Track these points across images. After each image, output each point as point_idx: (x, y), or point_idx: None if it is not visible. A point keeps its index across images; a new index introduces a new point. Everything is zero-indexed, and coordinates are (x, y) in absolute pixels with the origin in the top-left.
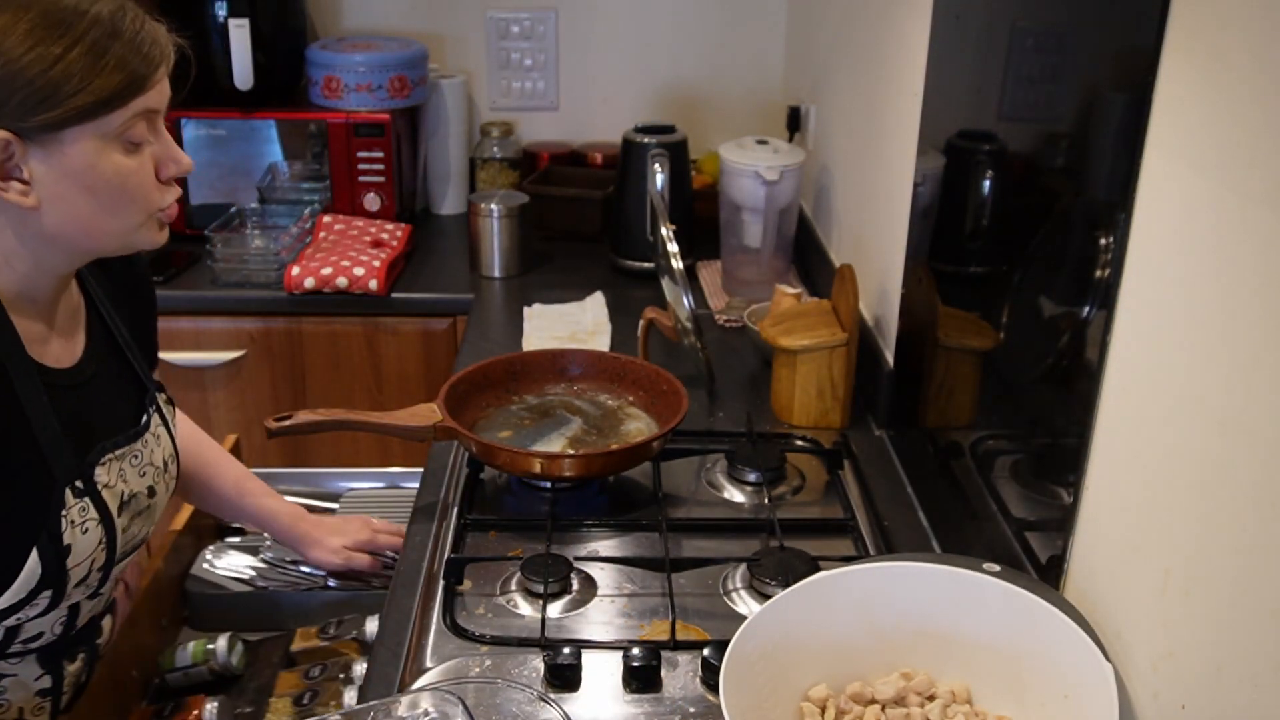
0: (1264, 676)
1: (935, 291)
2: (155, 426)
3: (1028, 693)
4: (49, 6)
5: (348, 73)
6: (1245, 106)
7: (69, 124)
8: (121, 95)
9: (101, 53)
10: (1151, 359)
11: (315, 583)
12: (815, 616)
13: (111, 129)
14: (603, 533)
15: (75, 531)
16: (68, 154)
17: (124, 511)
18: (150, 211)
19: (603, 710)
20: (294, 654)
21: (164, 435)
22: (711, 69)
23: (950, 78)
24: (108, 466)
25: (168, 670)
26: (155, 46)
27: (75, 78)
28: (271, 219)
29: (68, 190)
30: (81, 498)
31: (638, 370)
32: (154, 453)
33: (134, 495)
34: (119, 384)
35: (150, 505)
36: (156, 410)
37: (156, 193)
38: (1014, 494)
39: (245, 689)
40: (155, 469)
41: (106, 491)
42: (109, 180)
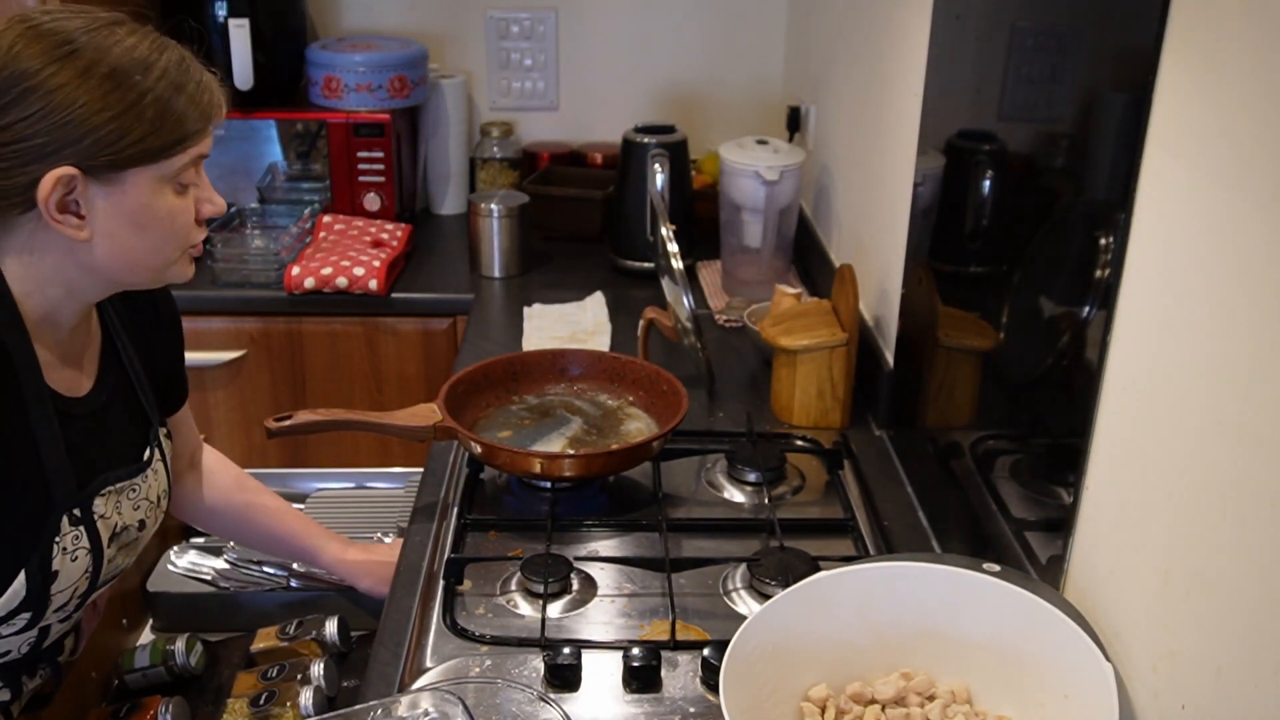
0: (1264, 676)
1: (935, 291)
2: (155, 462)
3: (1028, 693)
4: (123, 55)
5: (348, 73)
6: (1245, 106)
7: (133, 164)
8: (183, 141)
9: (169, 100)
10: (1151, 359)
11: (277, 583)
12: (815, 616)
13: (170, 172)
14: (603, 533)
15: (65, 559)
16: (127, 192)
17: (114, 543)
18: (185, 248)
19: (603, 710)
20: (254, 654)
21: (161, 471)
22: (711, 69)
23: (950, 78)
24: (106, 498)
25: (127, 671)
26: (211, 95)
27: (146, 123)
28: (271, 219)
29: (120, 226)
30: (76, 526)
31: (638, 370)
32: (151, 488)
33: (125, 528)
34: (125, 418)
35: (138, 539)
36: (157, 445)
37: (192, 231)
38: (1014, 494)
39: (204, 689)
40: (149, 503)
41: (101, 522)
42: (159, 218)
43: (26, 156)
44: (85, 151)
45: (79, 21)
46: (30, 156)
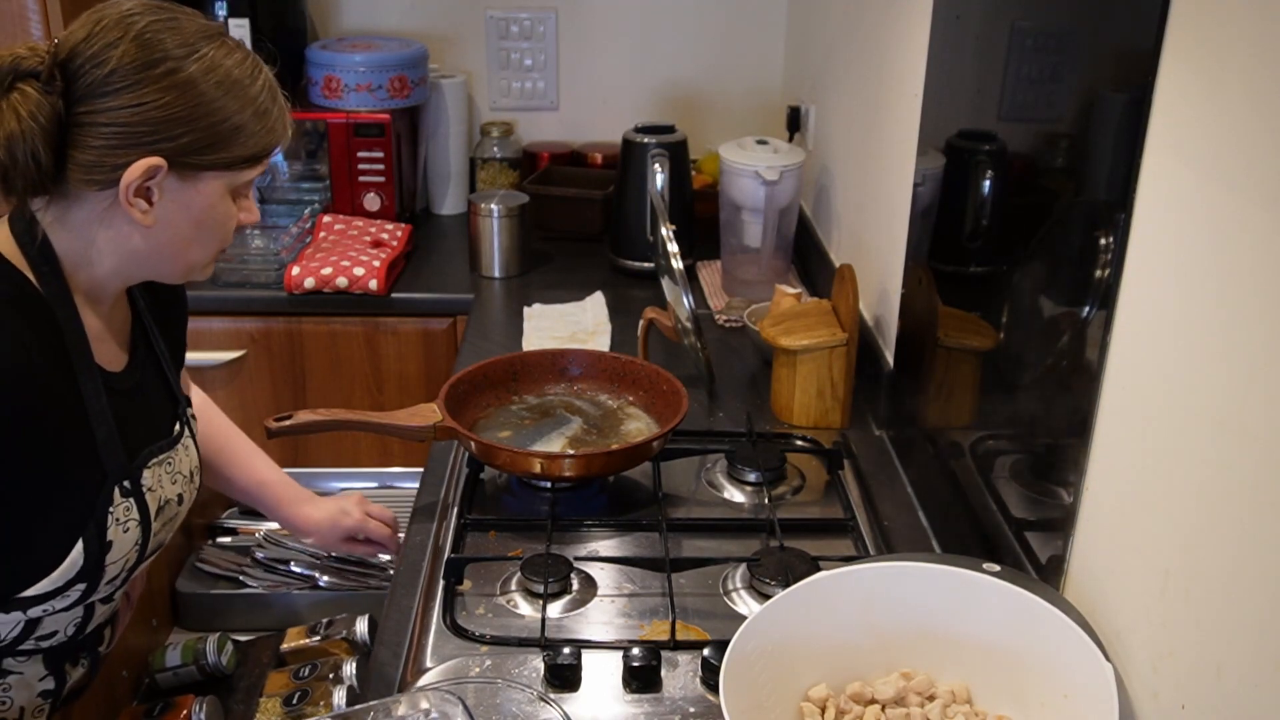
0: (1264, 676)
1: (935, 291)
2: (185, 437)
3: (1028, 693)
4: (234, 68)
5: (348, 73)
6: (1244, 107)
7: (213, 169)
8: (260, 156)
9: (263, 115)
10: (1151, 359)
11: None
12: (815, 616)
13: (240, 181)
14: (603, 533)
15: (118, 529)
16: (200, 192)
17: (159, 516)
18: (220, 251)
19: (603, 710)
20: (284, 654)
21: (191, 447)
22: (711, 69)
23: (950, 78)
24: (152, 470)
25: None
26: (287, 119)
27: (241, 133)
28: (271, 219)
29: (182, 221)
30: (127, 497)
31: (638, 370)
32: (183, 462)
33: (167, 501)
34: (158, 394)
35: (178, 513)
36: (186, 422)
37: (230, 237)
38: (1014, 494)
39: (235, 689)
40: (184, 478)
41: (149, 495)
42: (217, 221)
43: (130, 140)
44: (179, 148)
45: (197, 25)
46: (133, 140)
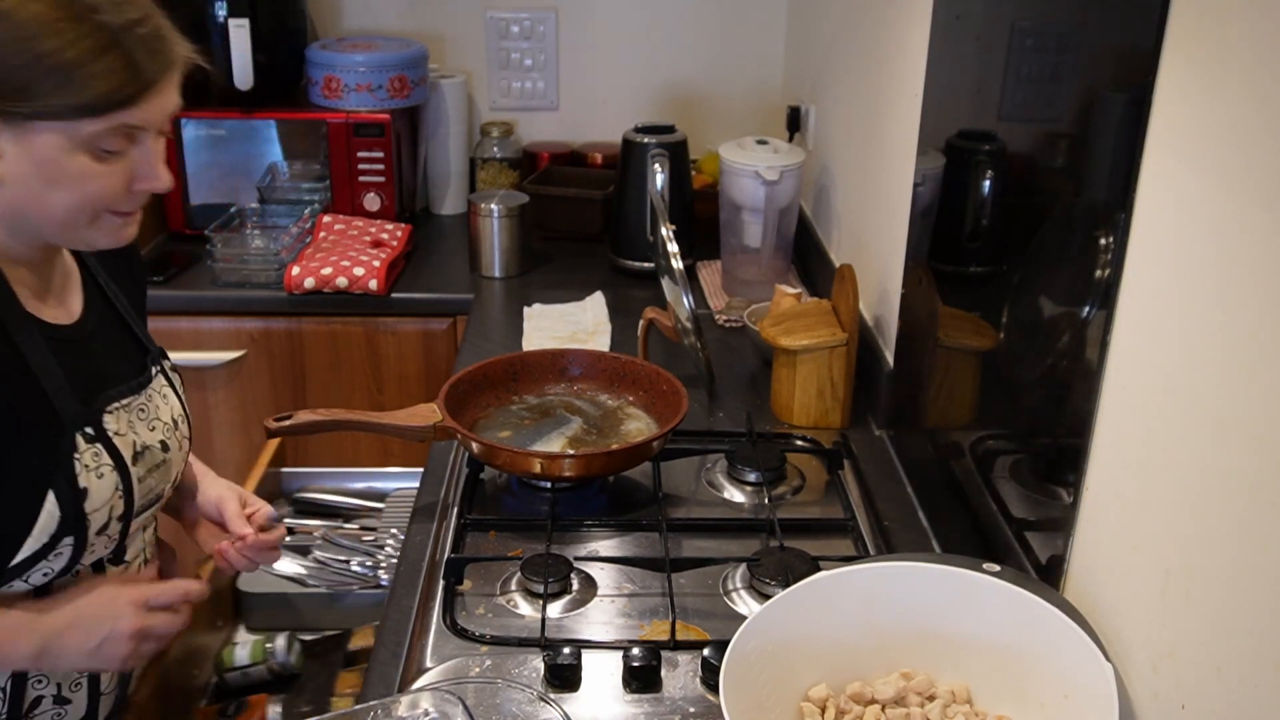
0: (1264, 676)
1: (935, 291)
2: (161, 385)
3: (1028, 693)
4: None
5: (348, 73)
6: (1245, 106)
7: (41, 118)
8: (97, 108)
9: (89, 60)
10: (1151, 359)
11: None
12: (815, 616)
13: (80, 135)
14: (603, 533)
15: (90, 476)
16: (35, 143)
17: (138, 462)
18: (101, 211)
19: (603, 710)
20: (352, 653)
21: (171, 395)
22: (711, 69)
23: (950, 78)
24: (116, 415)
25: (226, 670)
26: (156, 62)
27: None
28: (271, 219)
29: (30, 177)
30: (93, 443)
31: (638, 370)
32: (160, 409)
33: (146, 448)
34: (120, 343)
35: (165, 461)
36: (161, 371)
37: (120, 199)
38: (1014, 494)
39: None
40: (165, 424)
41: (118, 439)
42: (70, 179)
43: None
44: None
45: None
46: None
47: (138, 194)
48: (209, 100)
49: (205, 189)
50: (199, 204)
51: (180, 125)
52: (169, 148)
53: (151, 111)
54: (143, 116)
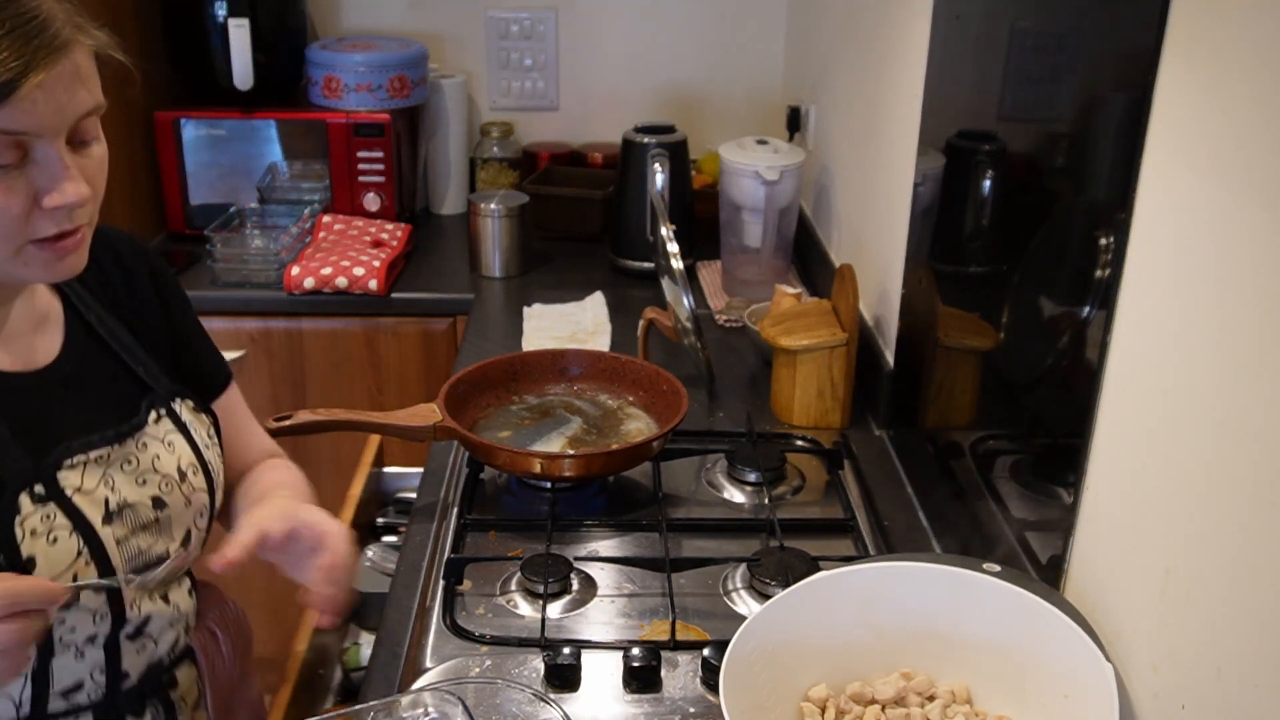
0: (1264, 676)
1: (935, 291)
2: (163, 432)
3: (1028, 693)
4: None
5: (348, 73)
6: (1245, 106)
7: None
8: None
9: None
10: (1151, 359)
11: None
12: (815, 616)
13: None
14: (603, 533)
15: (38, 542)
16: None
17: (114, 522)
18: (18, 244)
19: (603, 710)
20: None
21: (179, 442)
22: (711, 69)
23: (950, 78)
24: (80, 469)
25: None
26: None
27: None
28: (271, 219)
29: None
30: (43, 504)
31: (638, 370)
32: (159, 459)
33: (128, 505)
34: (107, 385)
35: (160, 519)
36: (168, 414)
37: (25, 223)
38: (1014, 494)
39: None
40: (162, 477)
41: (80, 497)
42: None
43: None
44: None
45: None
46: None
47: (54, 214)
48: (209, 100)
49: (205, 189)
50: (199, 204)
51: (180, 125)
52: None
53: (33, 113)
54: (20, 119)
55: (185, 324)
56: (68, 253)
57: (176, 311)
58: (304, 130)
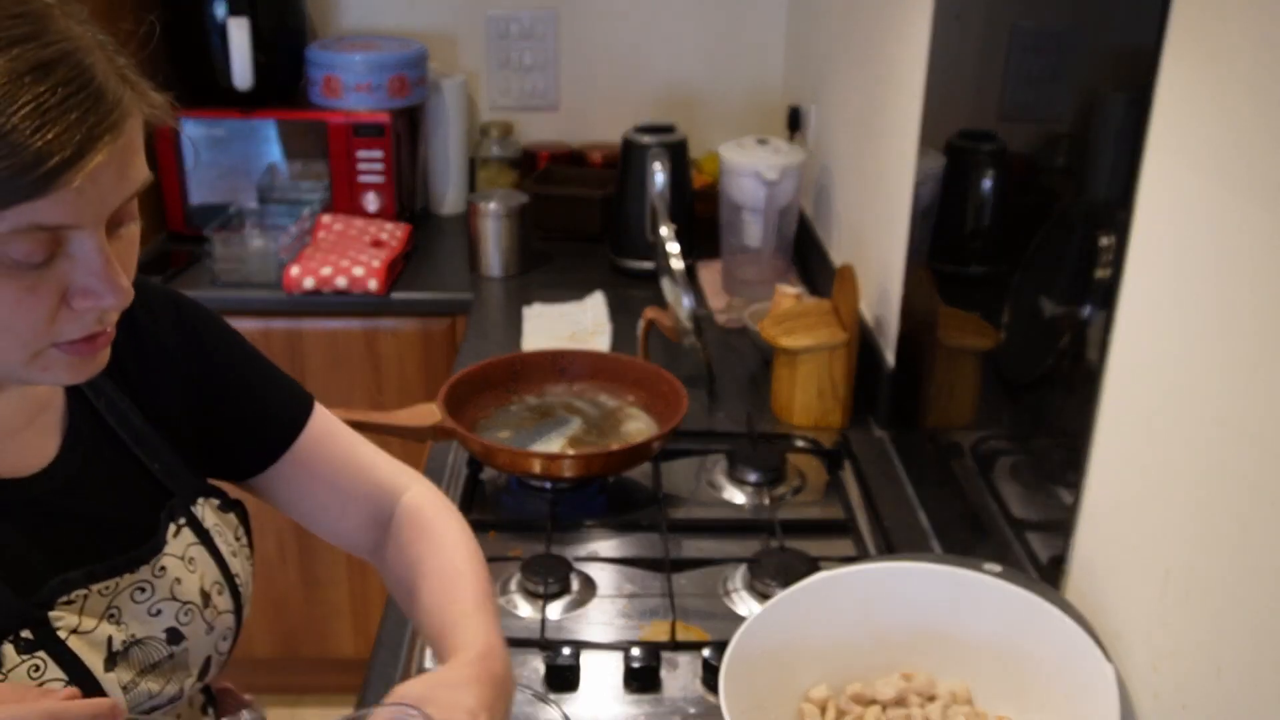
0: (1264, 676)
1: (936, 291)
2: (184, 547)
3: (1028, 693)
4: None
5: (347, 72)
6: (1245, 106)
7: None
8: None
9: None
10: (1152, 359)
11: None
12: (815, 616)
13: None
14: (603, 533)
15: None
16: None
17: (118, 665)
18: (38, 348)
19: (603, 710)
20: None
21: (203, 557)
22: (711, 69)
23: (950, 78)
24: (78, 605)
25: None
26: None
27: None
28: (271, 219)
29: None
30: (31, 653)
31: (638, 370)
32: (181, 581)
33: (136, 642)
34: (116, 493)
35: (174, 654)
36: (189, 524)
37: (51, 325)
38: (1014, 494)
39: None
40: (181, 605)
41: (77, 640)
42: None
43: None
44: None
45: None
46: None
47: (85, 313)
48: (209, 100)
49: (204, 189)
50: (198, 204)
51: (180, 125)
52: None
53: (77, 203)
54: (61, 212)
55: (242, 368)
56: (95, 354)
57: (228, 359)
58: (304, 130)
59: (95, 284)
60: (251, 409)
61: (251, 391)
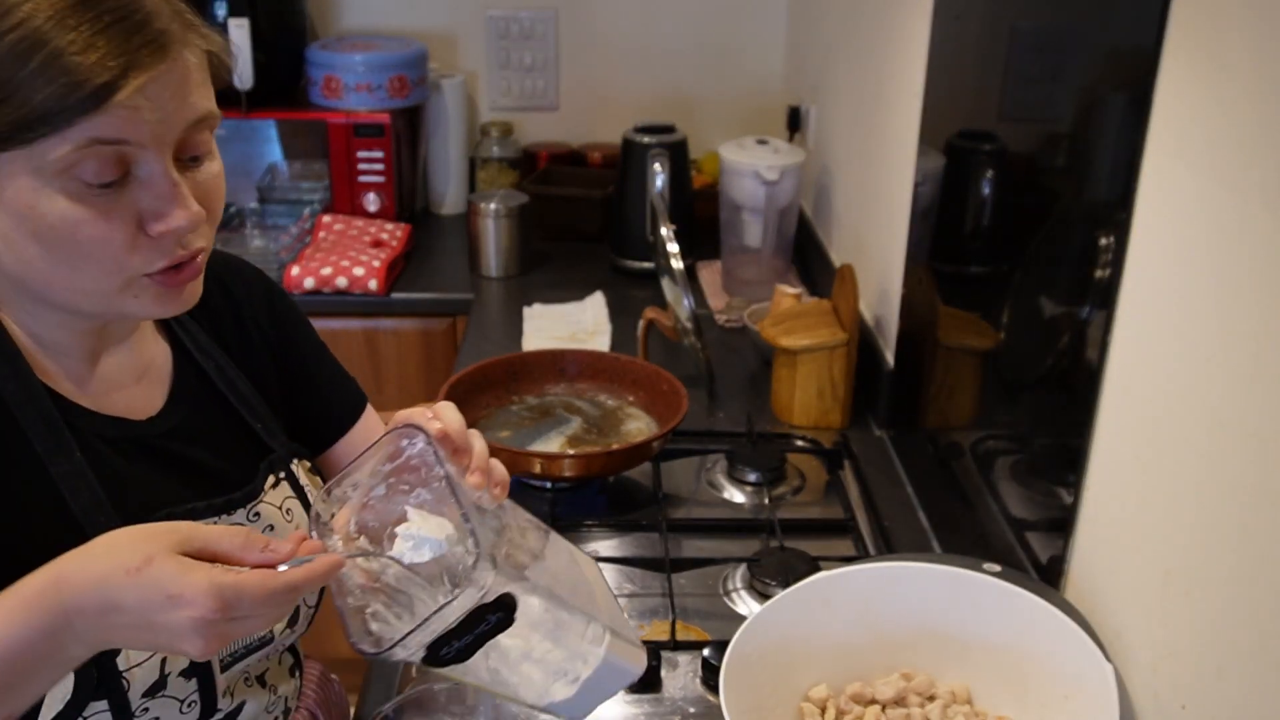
0: (1264, 676)
1: (935, 291)
2: (281, 497)
3: (1028, 693)
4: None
5: (347, 72)
6: (1244, 106)
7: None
8: (47, 117)
9: (28, 51)
10: (1151, 359)
11: None
12: (815, 616)
13: (45, 162)
14: (603, 533)
15: None
16: (5, 188)
17: None
18: (125, 276)
19: (603, 710)
20: None
21: (297, 509)
22: (711, 69)
23: (950, 78)
24: None
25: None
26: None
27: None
28: (271, 219)
29: (14, 233)
30: None
31: (638, 370)
32: (274, 530)
33: None
34: (219, 443)
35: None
36: (287, 478)
37: (132, 253)
38: (1014, 494)
39: None
40: None
41: None
42: (55, 230)
43: None
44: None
45: None
46: None
47: (162, 241)
48: None
49: None
50: None
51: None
52: None
53: (135, 120)
54: (120, 126)
55: (312, 358)
56: (184, 284)
57: (302, 346)
58: (304, 130)
59: (163, 206)
60: (315, 396)
61: (316, 380)
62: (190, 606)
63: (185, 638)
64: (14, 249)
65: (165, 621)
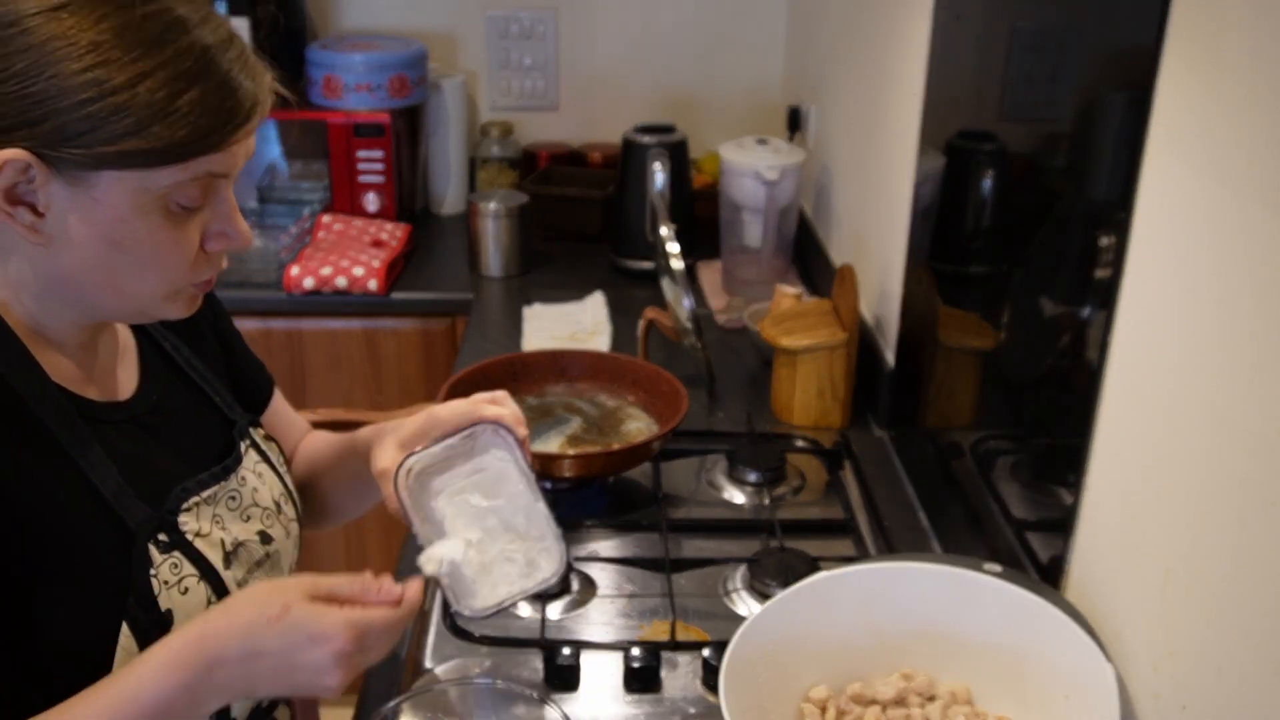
0: (1264, 676)
1: (935, 291)
2: (254, 463)
3: (1028, 693)
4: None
5: (347, 72)
6: (1245, 106)
7: (105, 166)
8: (179, 151)
9: (174, 95)
10: (1151, 359)
11: None
12: (815, 616)
13: (156, 186)
14: (603, 533)
15: (173, 594)
16: (98, 201)
17: (233, 563)
18: (178, 285)
19: (603, 710)
20: None
21: (268, 473)
22: (711, 69)
23: (950, 78)
24: (196, 511)
25: None
26: (243, 98)
27: (130, 117)
28: (271, 219)
29: (88, 238)
30: (170, 552)
31: (638, 370)
32: (257, 492)
33: (240, 544)
34: (192, 417)
35: (270, 553)
36: (252, 445)
37: (194, 267)
38: (1014, 494)
39: None
40: (263, 510)
41: (202, 541)
42: (139, 243)
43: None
44: (45, 136)
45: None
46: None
47: (214, 257)
48: None
49: None
50: None
51: None
52: None
53: (234, 157)
54: (225, 163)
55: (232, 336)
56: (202, 294)
57: (224, 321)
58: (304, 130)
59: (225, 226)
60: (244, 365)
61: (242, 354)
62: (330, 643)
63: (326, 672)
64: (81, 251)
65: (306, 660)
